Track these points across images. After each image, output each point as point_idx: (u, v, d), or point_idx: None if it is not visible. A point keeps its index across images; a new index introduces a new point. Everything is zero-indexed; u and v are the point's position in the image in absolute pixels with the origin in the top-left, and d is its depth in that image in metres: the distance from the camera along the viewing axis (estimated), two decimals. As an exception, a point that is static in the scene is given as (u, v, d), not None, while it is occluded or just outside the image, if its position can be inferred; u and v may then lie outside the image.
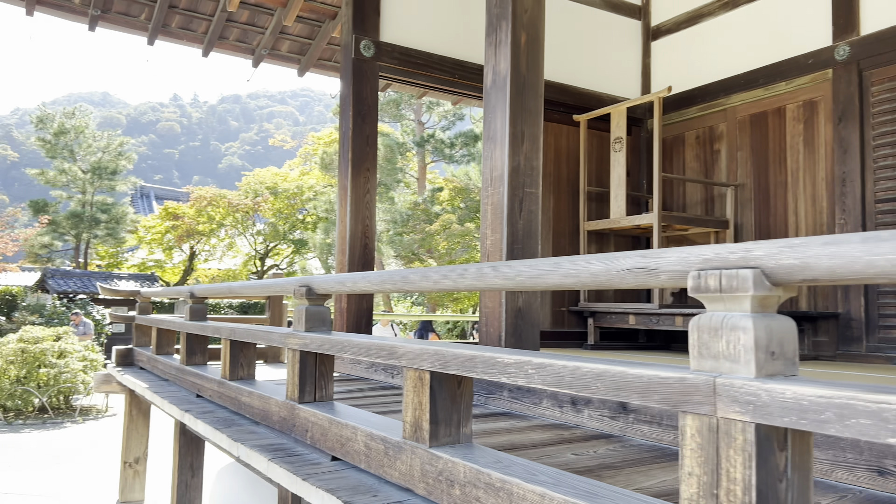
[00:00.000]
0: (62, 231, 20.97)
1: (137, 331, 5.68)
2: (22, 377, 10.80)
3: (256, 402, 2.91)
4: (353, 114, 5.29)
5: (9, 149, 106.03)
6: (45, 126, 21.15)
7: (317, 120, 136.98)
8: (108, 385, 5.56)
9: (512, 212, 3.49)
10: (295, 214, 22.19)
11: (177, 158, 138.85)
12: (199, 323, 3.89)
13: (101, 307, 17.45)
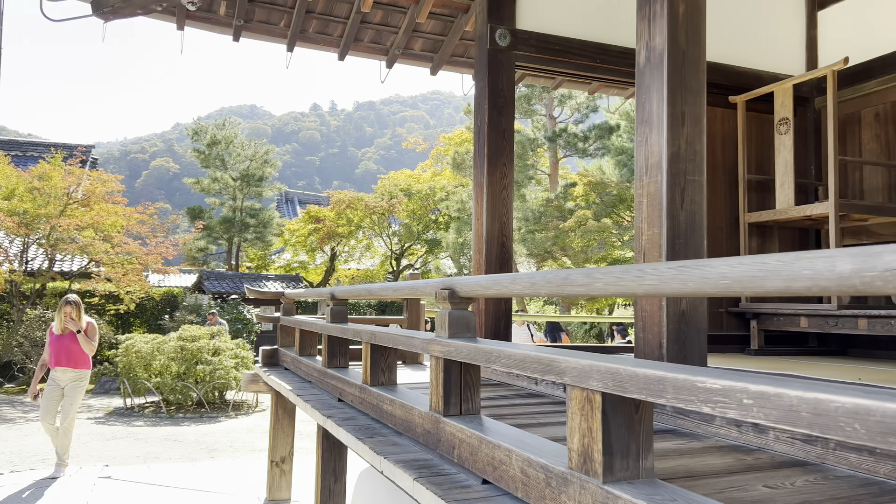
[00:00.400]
0: (216, 235, 22.50)
1: (282, 331, 5.79)
2: (181, 373, 11.59)
3: (399, 412, 2.75)
4: (488, 107, 5.07)
5: (170, 161, 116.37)
6: (200, 138, 22.79)
7: (447, 122, 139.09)
8: (256, 385, 5.71)
9: (672, 203, 3.11)
10: (428, 215, 22.45)
11: (317, 165, 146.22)
12: (339, 325, 3.81)
13: (250, 307, 18.48)
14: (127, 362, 11.81)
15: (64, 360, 6.94)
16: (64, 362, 6.94)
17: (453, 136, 24.54)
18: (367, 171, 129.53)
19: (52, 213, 15.02)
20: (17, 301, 15.37)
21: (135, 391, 11.56)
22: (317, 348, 5.00)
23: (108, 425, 10.24)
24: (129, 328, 18.68)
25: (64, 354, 6.95)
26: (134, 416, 11.15)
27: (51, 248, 15.45)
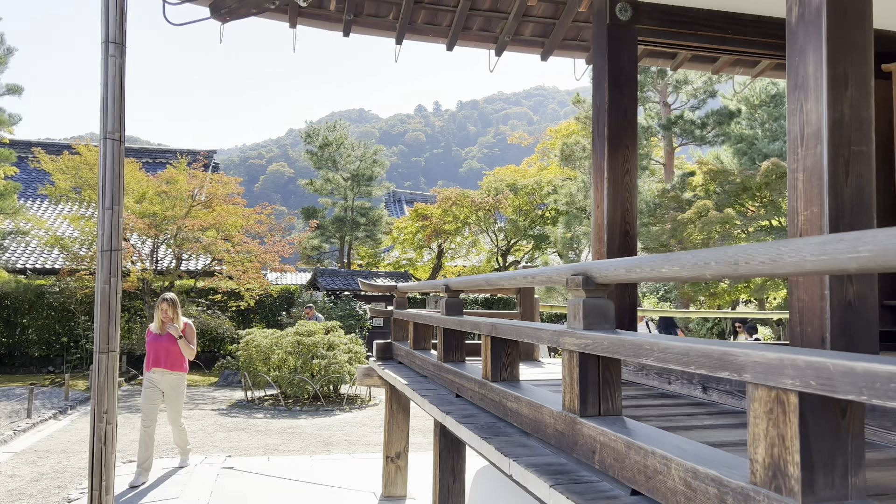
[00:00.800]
0: (328, 234, 23.16)
1: (395, 325, 5.72)
2: (298, 367, 11.91)
3: (525, 410, 2.53)
4: (608, 85, 4.75)
5: (285, 165, 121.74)
6: (312, 140, 23.54)
7: (550, 117, 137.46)
8: (370, 379, 5.67)
9: (835, 178, 2.71)
10: (534, 210, 22.09)
11: (423, 165, 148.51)
12: (455, 318, 3.64)
13: (362, 303, 18.84)
14: (247, 356, 12.28)
15: (163, 360, 6.54)
16: (162, 363, 6.54)
17: (560, 129, 24.02)
18: (470, 169, 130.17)
19: (178, 214, 15.91)
20: (148, 298, 16.40)
21: (255, 384, 11.99)
22: (431, 342, 4.87)
23: (231, 416, 10.66)
24: (248, 324, 19.54)
25: (163, 355, 6.55)
26: (254, 408, 11.56)
27: (177, 248, 16.38)
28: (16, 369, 17.28)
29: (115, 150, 4.12)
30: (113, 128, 4.13)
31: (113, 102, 4.11)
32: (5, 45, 15.24)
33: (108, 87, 4.10)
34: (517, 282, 2.77)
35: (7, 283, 15.03)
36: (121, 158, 4.17)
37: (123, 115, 4.20)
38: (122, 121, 4.19)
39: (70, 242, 17.32)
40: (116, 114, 4.13)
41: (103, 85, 4.11)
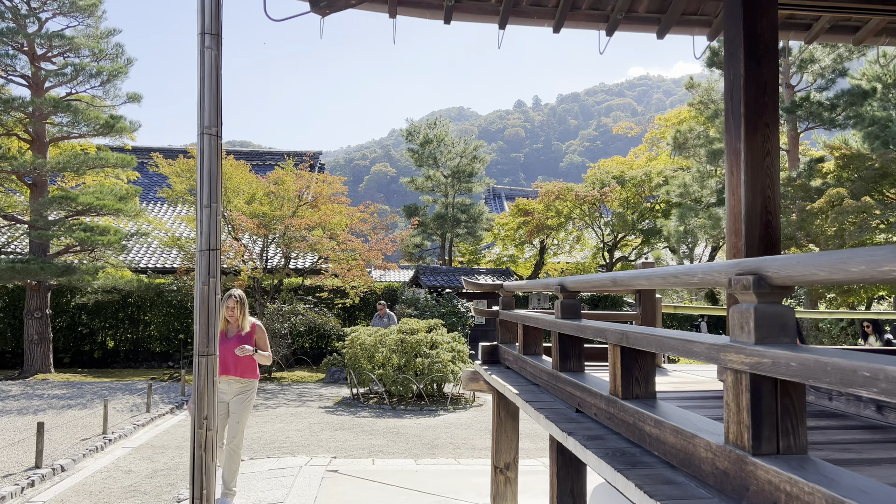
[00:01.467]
0: (430, 231, 23.11)
1: (502, 327, 5.35)
2: (402, 365, 11.80)
3: (670, 438, 2.10)
4: (744, 56, 4.17)
5: (388, 165, 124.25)
6: (413, 138, 23.58)
7: (656, 107, 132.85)
8: (476, 384, 5.33)
9: None
10: (642, 203, 21.11)
11: (522, 161, 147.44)
12: (574, 322, 3.23)
13: (464, 300, 18.62)
14: (352, 354, 12.30)
15: (231, 367, 5.58)
16: (231, 370, 5.58)
17: (670, 117, 22.83)
18: (571, 164, 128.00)
19: (286, 213, 16.26)
20: (258, 296, 16.87)
21: (360, 382, 11.99)
22: (542, 346, 4.46)
23: (337, 415, 10.66)
24: (354, 321, 19.79)
25: (231, 361, 5.58)
26: (359, 406, 11.54)
27: (286, 247, 16.75)
28: (139, 364, 18.29)
29: (212, 146, 3.98)
30: (210, 122, 3.99)
31: (210, 96, 3.97)
32: (125, 56, 16.07)
33: (205, 81, 3.96)
34: (657, 282, 2.33)
35: (130, 282, 15.85)
36: (218, 155, 4.02)
37: (220, 109, 4.06)
38: (220, 115, 4.05)
39: (186, 242, 18.13)
40: (213, 108, 3.99)
41: (200, 79, 3.97)
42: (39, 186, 15.63)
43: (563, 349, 3.47)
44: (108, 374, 16.24)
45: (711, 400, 3.47)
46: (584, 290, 3.40)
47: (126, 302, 17.99)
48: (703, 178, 14.88)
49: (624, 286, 2.70)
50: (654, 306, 5.33)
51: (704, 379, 4.46)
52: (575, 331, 3.22)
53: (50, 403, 11.65)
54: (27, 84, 15.60)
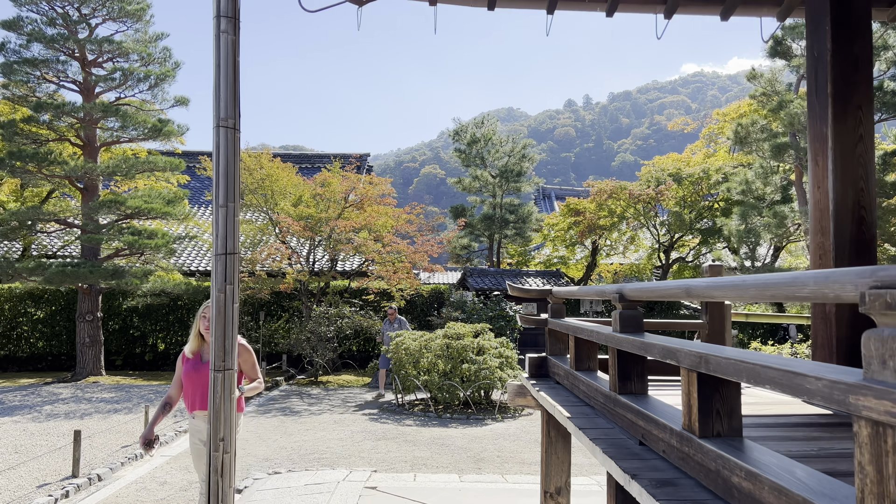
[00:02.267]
0: (477, 233, 22.67)
1: (551, 337, 4.87)
2: (447, 371, 11.38)
3: (768, 497, 1.61)
4: (831, 27, 3.60)
5: (437, 167, 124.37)
6: (461, 138, 23.18)
7: (711, 104, 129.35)
8: (523, 399, 4.87)
9: None
10: (700, 201, 20.20)
11: (572, 161, 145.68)
12: (636, 338, 2.74)
13: (513, 303, 18.10)
14: (397, 359, 11.94)
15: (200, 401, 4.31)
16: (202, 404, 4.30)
17: (729, 111, 21.81)
18: (623, 163, 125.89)
19: (332, 215, 16.06)
20: (305, 299, 16.72)
21: (405, 388, 11.62)
22: (596, 360, 3.97)
23: (381, 422, 10.31)
24: (401, 324, 19.48)
25: (200, 392, 4.31)
26: (404, 413, 11.18)
27: (332, 250, 16.55)
28: (189, 366, 18.37)
29: (229, 140, 3.64)
30: (226, 114, 3.65)
31: (226, 85, 3.63)
32: (172, 60, 16.13)
33: (221, 68, 3.61)
34: (747, 294, 1.84)
35: (178, 285, 15.88)
36: (236, 150, 3.67)
37: (238, 99, 3.71)
38: (237, 106, 3.70)
39: (234, 246, 18.12)
40: (230, 98, 3.65)
41: (216, 66, 3.63)
42: (90, 191, 15.80)
43: (623, 369, 2.98)
44: (158, 377, 16.31)
45: (800, 429, 2.93)
46: (649, 299, 2.91)
47: (176, 305, 18.10)
48: (767, 175, 14.00)
49: (701, 296, 2.21)
50: (724, 315, 4.77)
51: (780, 397, 3.90)
52: (637, 348, 2.73)
53: (97, 407, 11.66)
54: (78, 90, 15.80)
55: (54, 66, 15.29)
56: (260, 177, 16.68)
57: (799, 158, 13.10)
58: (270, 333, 18.04)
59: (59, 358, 17.98)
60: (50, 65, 15.22)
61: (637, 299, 2.97)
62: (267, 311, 18.09)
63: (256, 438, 9.11)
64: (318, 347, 15.25)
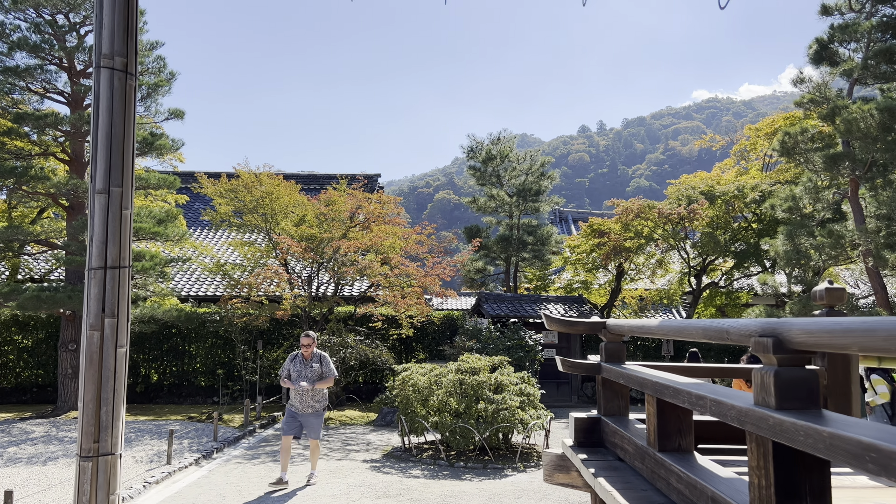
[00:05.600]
0: (493, 255, 21.30)
1: (606, 389, 3.48)
2: (461, 411, 9.97)
3: None
4: None
5: (451, 193, 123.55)
6: (476, 156, 21.93)
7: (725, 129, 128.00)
8: (565, 475, 3.48)
9: None
10: (732, 222, 18.75)
11: (587, 186, 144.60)
12: (814, 425, 1.37)
13: (532, 332, 16.66)
14: (404, 396, 10.55)
15: None
16: None
17: (762, 127, 20.42)
18: (638, 187, 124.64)
19: (336, 236, 14.79)
20: (306, 326, 15.39)
21: (412, 429, 10.20)
22: (692, 434, 2.58)
23: (383, 473, 8.88)
24: (411, 353, 18.07)
25: None
26: (411, 460, 9.74)
27: (334, 273, 15.25)
28: (183, 399, 17.04)
29: (115, 88, 2.33)
30: (112, 48, 2.35)
31: (113, 7, 2.32)
32: (167, 70, 15.07)
33: (103, -23, 2.32)
34: None
35: (169, 311, 14.63)
36: (127, 104, 2.36)
37: (133, 29, 2.39)
38: (131, 39, 2.38)
39: (231, 268, 16.88)
40: (120, 25, 2.34)
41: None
42: (77, 209, 14.66)
43: (786, 476, 1.60)
44: (147, 411, 14.99)
45: None
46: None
47: (170, 332, 16.84)
48: (817, 190, 12.57)
49: None
50: (850, 362, 3.36)
51: None
52: (821, 444, 1.35)
53: (67, 450, 10.34)
54: (66, 101, 14.75)
55: (40, 75, 14.26)
56: (259, 194, 15.48)
57: (855, 170, 11.68)
58: (270, 364, 16.71)
59: (45, 389, 16.74)
60: (35, 74, 14.19)
61: (809, 349, 1.59)
62: (266, 340, 16.77)
63: (236, 494, 7.72)
64: (319, 380, 13.86)
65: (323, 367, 7.96)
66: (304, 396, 7.89)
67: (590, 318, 17.37)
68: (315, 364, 7.93)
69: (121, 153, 2.29)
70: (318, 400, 7.99)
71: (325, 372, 7.96)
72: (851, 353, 3.43)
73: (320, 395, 8.02)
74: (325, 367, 7.98)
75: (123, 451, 7.14)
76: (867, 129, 10.90)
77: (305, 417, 7.96)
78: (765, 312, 12.76)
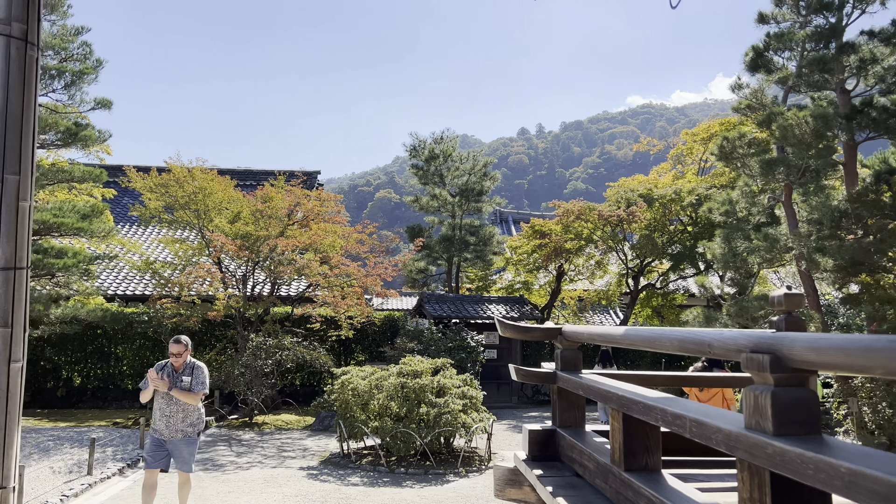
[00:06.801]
0: (435, 255, 21.09)
1: (561, 399, 3.30)
2: (402, 415, 9.71)
3: None
4: None
5: (392, 192, 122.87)
6: (418, 154, 21.67)
7: (659, 135, 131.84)
8: (517, 490, 3.29)
9: None
10: (669, 225, 19.10)
11: (526, 188, 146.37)
12: (817, 455, 1.19)
13: (474, 332, 16.54)
14: (343, 400, 10.21)
15: None
16: None
17: (698, 132, 20.90)
18: (575, 190, 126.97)
19: (272, 234, 14.30)
20: (240, 328, 14.84)
21: (351, 435, 9.88)
22: (660, 451, 2.41)
23: (320, 480, 8.55)
24: (351, 355, 17.68)
25: None
26: (350, 466, 9.43)
27: (271, 272, 14.75)
28: (108, 403, 16.17)
29: (9, 59, 1.99)
30: (7, 14, 2.02)
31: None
32: (94, 57, 14.24)
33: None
34: None
35: (93, 311, 13.84)
36: (27, 79, 2.02)
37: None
38: (33, 7, 2.05)
39: (161, 267, 16.14)
40: (18, -15, 2.01)
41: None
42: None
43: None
44: (69, 417, 14.15)
45: None
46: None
47: (94, 333, 15.97)
48: (753, 194, 12.86)
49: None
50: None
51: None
52: (829, 479, 1.18)
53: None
54: (-20, 86, 13.77)
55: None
56: (191, 190, 14.82)
57: (790, 175, 11.98)
58: (202, 366, 16.05)
59: (-46, 395, 15.61)
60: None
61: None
62: (198, 342, 16.10)
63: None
64: (253, 383, 13.37)
65: (193, 380, 6.19)
66: (171, 419, 6.15)
67: (531, 318, 17.28)
68: (186, 377, 6.19)
69: (18, 135, 1.95)
70: (192, 423, 6.26)
71: (194, 385, 6.15)
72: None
73: (194, 417, 6.29)
74: (195, 379, 6.20)
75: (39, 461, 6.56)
76: (802, 135, 11.19)
77: (175, 445, 6.22)
78: (702, 314, 12.98)
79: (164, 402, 6.18)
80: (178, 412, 6.17)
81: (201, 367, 6.36)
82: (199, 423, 6.35)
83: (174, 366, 6.26)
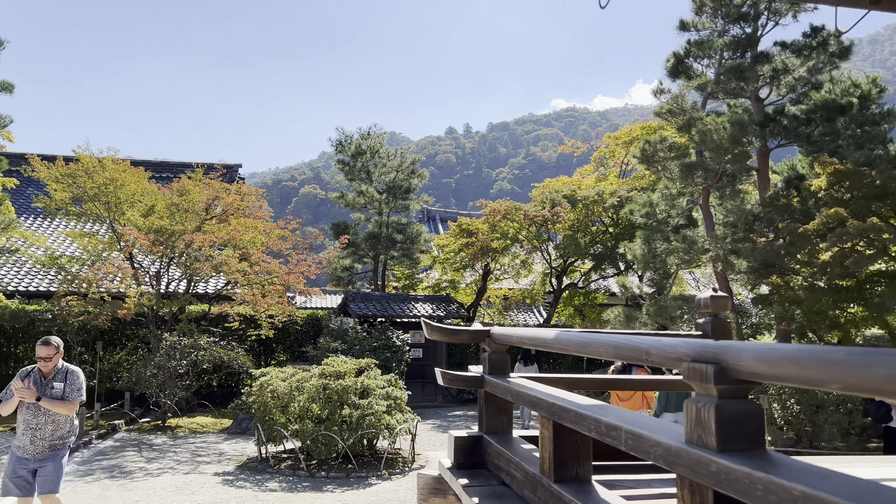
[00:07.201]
0: (361, 253, 20.76)
1: (488, 404, 3.17)
2: (324, 417, 9.42)
3: None
4: None
5: (317, 188, 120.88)
6: (345, 149, 21.26)
7: (582, 138, 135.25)
8: (442, 499, 3.13)
9: None
10: (591, 225, 19.47)
11: (453, 187, 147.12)
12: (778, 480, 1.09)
13: (400, 332, 16.34)
14: (262, 402, 9.82)
15: None
16: None
17: (620, 135, 21.40)
18: (501, 190, 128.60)
19: (189, 228, 13.67)
20: (153, 326, 14.12)
21: (270, 438, 9.51)
22: (590, 461, 2.30)
23: (236, 487, 8.17)
24: (271, 355, 17.17)
25: None
26: (268, 471, 9.07)
27: (187, 268, 14.10)
28: (6, 407, 15.09)
29: None
30: None
31: None
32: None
33: None
34: None
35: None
36: None
37: None
38: None
39: (68, 262, 15.19)
40: None
41: None
42: None
43: None
44: (-42, 423, 13.09)
45: None
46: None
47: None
48: (673, 197, 13.22)
49: None
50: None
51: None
52: (779, 501, 1.07)
53: None
54: None
55: None
56: (101, 181, 13.99)
57: (707, 179, 12.37)
58: (111, 368, 15.21)
59: None
60: None
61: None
62: (108, 341, 15.26)
63: (60, 521, 6.72)
64: (166, 385, 12.74)
65: (67, 387, 5.27)
66: (38, 432, 5.19)
67: (458, 317, 17.16)
68: (58, 383, 5.25)
69: None
70: (61, 436, 5.33)
71: (68, 393, 5.26)
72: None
73: (65, 430, 5.35)
74: (69, 386, 5.28)
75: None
76: (720, 140, 11.56)
77: (41, 463, 5.23)
78: (623, 314, 13.25)
79: (31, 414, 5.18)
80: (46, 424, 5.22)
81: (76, 372, 5.39)
82: (70, 435, 5.42)
83: (42, 371, 5.26)
